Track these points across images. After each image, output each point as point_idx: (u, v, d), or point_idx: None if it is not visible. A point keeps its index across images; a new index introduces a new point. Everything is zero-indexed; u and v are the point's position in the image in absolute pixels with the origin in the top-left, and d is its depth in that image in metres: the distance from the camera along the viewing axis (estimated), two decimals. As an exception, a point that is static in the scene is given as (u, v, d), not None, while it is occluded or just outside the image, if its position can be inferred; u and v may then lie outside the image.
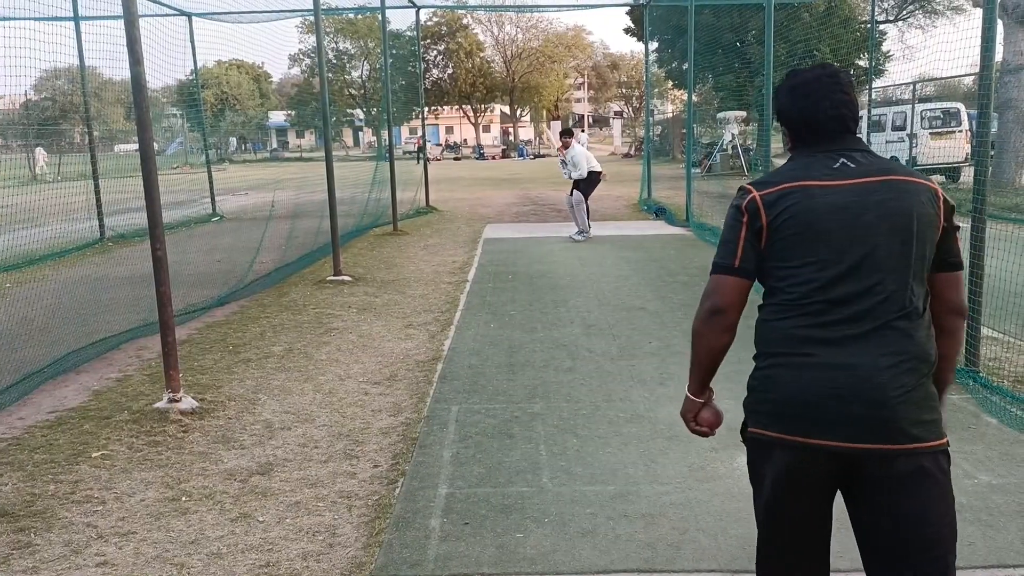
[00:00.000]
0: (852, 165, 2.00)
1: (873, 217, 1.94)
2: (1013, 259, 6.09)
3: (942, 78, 19.27)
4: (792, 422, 1.96)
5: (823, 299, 1.94)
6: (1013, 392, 4.85)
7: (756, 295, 2.08)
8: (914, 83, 20.44)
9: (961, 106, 19.75)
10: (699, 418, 2.19)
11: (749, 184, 2.08)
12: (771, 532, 2.10)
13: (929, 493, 1.92)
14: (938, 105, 20.13)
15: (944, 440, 1.96)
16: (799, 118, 2.09)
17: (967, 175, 14.62)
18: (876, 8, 19.93)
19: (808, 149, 2.07)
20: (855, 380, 1.89)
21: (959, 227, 2.05)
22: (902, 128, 20.58)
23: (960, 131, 19.41)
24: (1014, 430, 4.35)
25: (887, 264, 1.93)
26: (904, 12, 35.12)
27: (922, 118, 19.34)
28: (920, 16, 34.68)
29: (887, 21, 34.34)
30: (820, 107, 2.05)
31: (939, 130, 19.60)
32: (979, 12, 5.14)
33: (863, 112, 21.08)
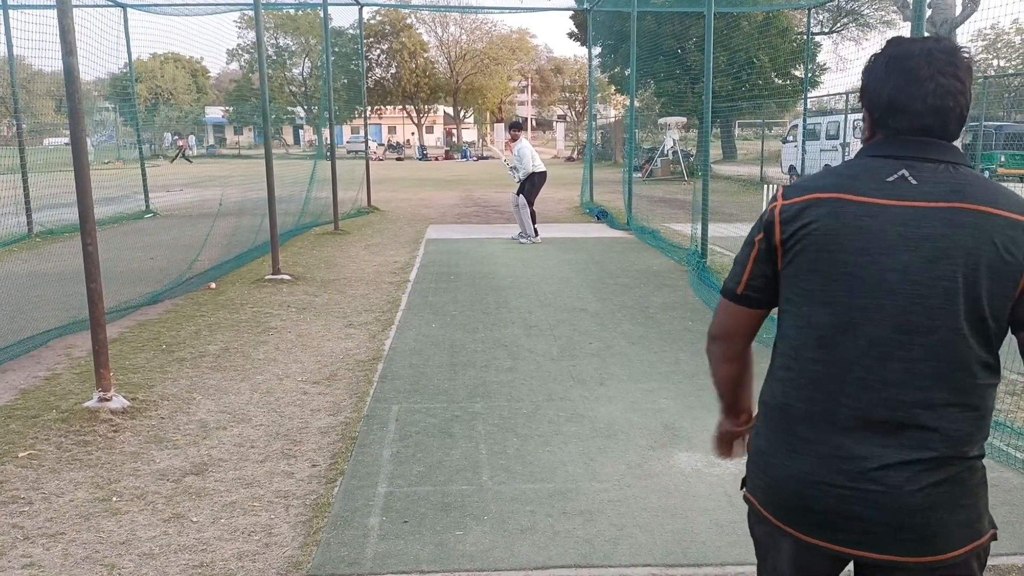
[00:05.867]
0: (913, 181, 1.49)
1: (910, 259, 1.46)
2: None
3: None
4: (786, 512, 1.59)
5: (829, 358, 1.52)
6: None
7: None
8: (847, 93, 21.10)
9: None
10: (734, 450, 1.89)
11: (783, 187, 1.65)
12: None
13: None
14: None
15: (986, 535, 1.55)
16: (886, 101, 1.54)
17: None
18: (811, 20, 20.45)
19: (880, 148, 1.57)
20: (860, 476, 1.50)
21: None
22: (836, 137, 21.27)
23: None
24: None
25: (922, 326, 1.46)
26: (838, 25, 36.20)
27: (855, 128, 19.95)
28: (853, 29, 35.81)
29: (822, 33, 35.35)
30: (922, 90, 1.50)
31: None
32: (908, 26, 5.35)
33: (798, 121, 21.76)
